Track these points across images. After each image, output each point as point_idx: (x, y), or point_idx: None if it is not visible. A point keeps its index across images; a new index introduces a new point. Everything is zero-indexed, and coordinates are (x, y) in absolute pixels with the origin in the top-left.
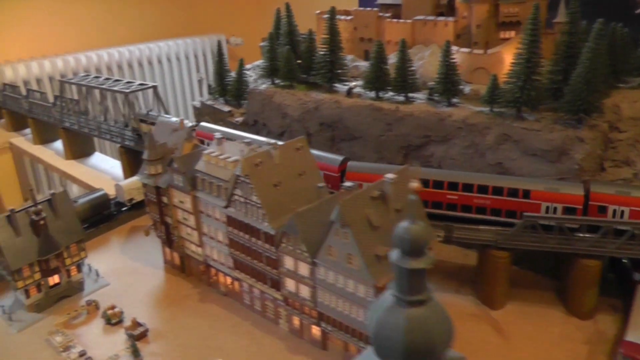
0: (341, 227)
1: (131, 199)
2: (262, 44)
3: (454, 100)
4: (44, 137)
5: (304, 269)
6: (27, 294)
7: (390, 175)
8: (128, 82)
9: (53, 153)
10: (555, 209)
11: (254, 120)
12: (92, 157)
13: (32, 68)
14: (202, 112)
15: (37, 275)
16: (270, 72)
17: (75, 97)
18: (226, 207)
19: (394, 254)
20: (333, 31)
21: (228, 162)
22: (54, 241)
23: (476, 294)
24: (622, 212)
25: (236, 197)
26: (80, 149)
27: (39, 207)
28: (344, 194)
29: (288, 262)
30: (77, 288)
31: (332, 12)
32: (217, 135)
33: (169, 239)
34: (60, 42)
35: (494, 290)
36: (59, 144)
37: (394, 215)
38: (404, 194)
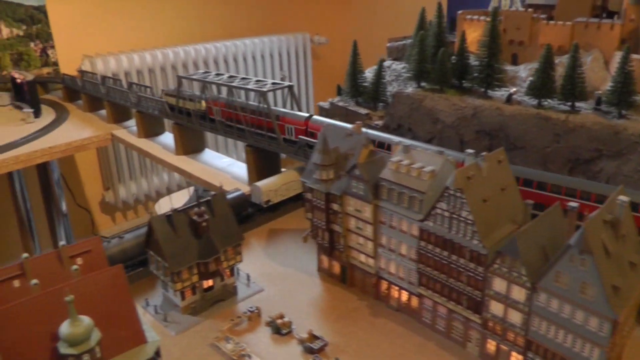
0: (579, 253)
1: (268, 201)
2: (389, 44)
3: (624, 112)
4: (150, 130)
5: (518, 294)
6: (182, 296)
7: (624, 197)
8: (259, 81)
9: (161, 147)
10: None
11: (397, 124)
12: (203, 153)
13: (122, 62)
14: (331, 114)
15: (195, 278)
16: (419, 74)
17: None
18: (423, 220)
19: None
20: (494, 34)
21: (424, 172)
22: (214, 244)
23: None
24: None
25: (439, 211)
26: (192, 145)
27: (202, 208)
28: (571, 215)
29: (498, 285)
30: (231, 292)
31: (495, 12)
32: (404, 142)
33: (332, 247)
34: (146, 37)
35: None
36: (164, 138)
37: (621, 241)
38: (628, 218)
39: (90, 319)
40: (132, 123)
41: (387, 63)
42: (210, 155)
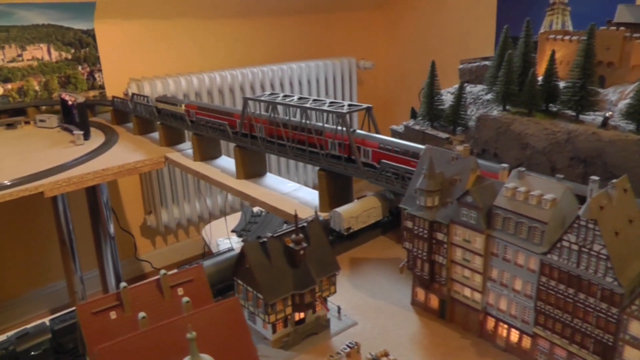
0: None
1: (349, 228)
2: (461, 66)
3: None
4: (206, 154)
5: None
6: (274, 328)
7: None
8: (333, 102)
9: (220, 171)
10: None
11: (482, 149)
12: (265, 177)
13: (168, 85)
14: (405, 138)
15: (289, 310)
16: (505, 97)
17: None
18: (546, 253)
19: None
20: (589, 53)
21: (545, 201)
22: (311, 274)
23: None
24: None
25: (566, 243)
26: (253, 168)
27: (300, 235)
28: None
29: (636, 328)
30: (323, 325)
31: (591, 31)
32: (520, 167)
33: (432, 279)
34: (193, 61)
35: None
36: (221, 161)
37: None
38: None
39: (211, 357)
40: (185, 146)
41: (455, 85)
42: (273, 180)
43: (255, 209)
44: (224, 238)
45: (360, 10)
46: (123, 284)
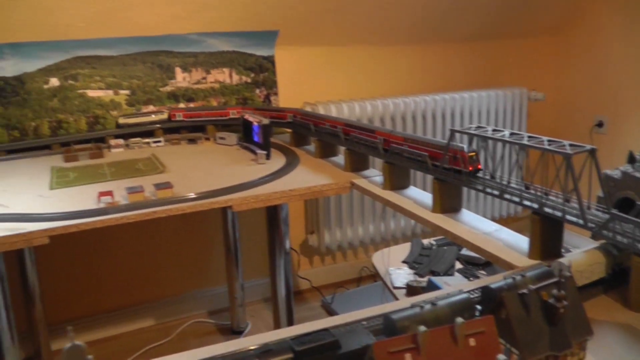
0: None
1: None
2: None
3: None
4: (397, 183)
5: None
6: None
7: None
8: (552, 141)
9: (412, 202)
10: None
11: None
12: (460, 213)
13: (342, 110)
14: (623, 185)
15: None
16: None
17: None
18: None
19: None
20: None
21: None
22: (568, 335)
23: None
24: None
25: None
26: (449, 203)
27: (563, 291)
28: None
29: None
30: None
31: None
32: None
33: None
34: (366, 87)
35: None
36: (409, 192)
37: None
38: None
39: None
40: (370, 173)
41: None
42: (470, 217)
43: (426, 242)
44: (395, 268)
45: (531, 37)
46: (422, 328)
